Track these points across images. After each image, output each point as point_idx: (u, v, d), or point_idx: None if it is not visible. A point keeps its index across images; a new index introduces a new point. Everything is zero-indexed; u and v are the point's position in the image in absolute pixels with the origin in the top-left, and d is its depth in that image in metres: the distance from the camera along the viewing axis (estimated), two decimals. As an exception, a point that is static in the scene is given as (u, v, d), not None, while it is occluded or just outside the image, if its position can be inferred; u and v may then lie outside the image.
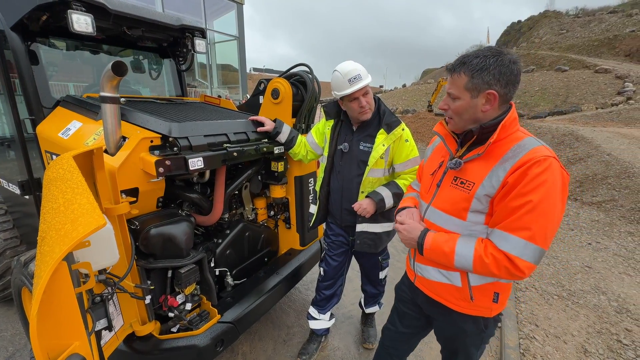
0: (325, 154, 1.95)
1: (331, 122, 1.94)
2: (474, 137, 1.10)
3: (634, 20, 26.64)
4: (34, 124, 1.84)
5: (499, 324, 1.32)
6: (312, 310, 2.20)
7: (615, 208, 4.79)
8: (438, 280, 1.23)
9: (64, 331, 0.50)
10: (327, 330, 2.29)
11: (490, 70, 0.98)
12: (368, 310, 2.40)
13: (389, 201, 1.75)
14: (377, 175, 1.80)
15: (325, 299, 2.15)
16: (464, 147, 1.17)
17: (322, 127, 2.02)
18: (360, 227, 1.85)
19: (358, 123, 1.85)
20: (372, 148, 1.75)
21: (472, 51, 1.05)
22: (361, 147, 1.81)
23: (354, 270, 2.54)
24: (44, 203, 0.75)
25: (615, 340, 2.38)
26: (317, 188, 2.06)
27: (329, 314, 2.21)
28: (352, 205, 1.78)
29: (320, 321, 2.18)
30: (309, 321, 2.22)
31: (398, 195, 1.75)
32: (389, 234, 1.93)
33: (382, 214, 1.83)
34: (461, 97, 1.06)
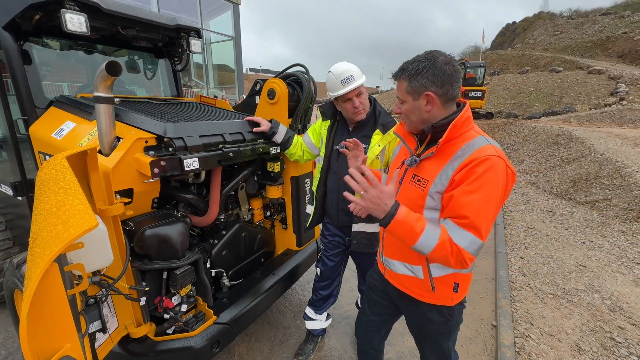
0: (322, 154, 1.95)
1: (327, 123, 1.95)
2: (428, 136, 1.18)
3: (627, 21, 27.02)
4: (27, 125, 1.82)
5: (463, 311, 1.38)
6: (309, 311, 2.20)
7: (608, 207, 4.85)
8: (403, 273, 1.31)
9: (55, 333, 0.49)
10: (324, 330, 2.29)
11: (424, 73, 1.07)
12: None
13: None
14: None
15: (321, 299, 2.15)
16: (422, 145, 1.24)
17: (318, 127, 2.02)
18: (356, 227, 1.85)
19: (354, 124, 1.85)
20: (368, 148, 1.76)
21: (411, 58, 1.13)
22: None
23: (350, 270, 2.54)
24: (35, 204, 0.75)
25: (608, 338, 2.41)
26: (314, 188, 2.06)
27: (325, 314, 2.21)
28: (348, 206, 1.78)
29: (317, 321, 2.18)
30: (306, 321, 2.22)
31: None
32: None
33: None
34: (406, 100, 1.15)
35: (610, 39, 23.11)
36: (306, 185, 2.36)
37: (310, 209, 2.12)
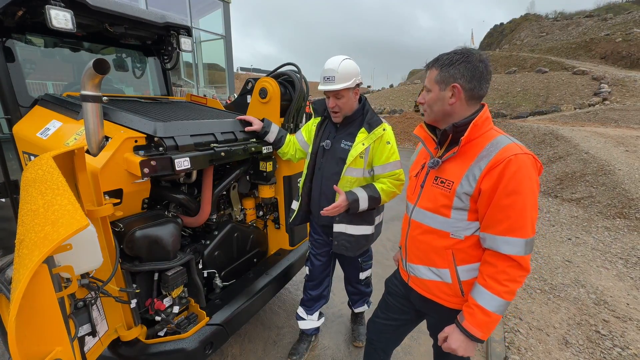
0: (310, 150, 1.93)
1: (318, 119, 1.94)
2: (449, 137, 1.17)
3: (609, 24, 27.83)
4: (10, 124, 1.77)
5: None
6: (300, 311, 2.19)
7: (593, 204, 4.99)
8: (430, 278, 1.26)
9: (45, 336, 0.48)
10: (317, 329, 2.29)
11: (456, 65, 1.08)
12: (356, 310, 2.41)
13: (363, 203, 1.67)
14: (355, 174, 1.74)
15: (312, 299, 2.14)
16: (442, 148, 1.22)
17: (311, 124, 2.01)
18: (337, 228, 1.80)
19: (337, 121, 1.83)
20: (351, 146, 1.72)
21: (447, 52, 1.15)
22: (342, 145, 1.77)
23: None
24: (22, 205, 0.72)
25: (594, 331, 2.48)
26: (300, 185, 2.02)
27: (317, 314, 2.19)
28: (321, 212, 1.68)
29: (309, 321, 2.17)
30: (298, 321, 2.21)
31: (374, 199, 1.69)
32: (367, 238, 1.86)
33: (361, 216, 1.77)
34: (432, 89, 1.16)
35: (593, 41, 23.76)
36: (298, 184, 2.36)
37: (295, 205, 2.06)
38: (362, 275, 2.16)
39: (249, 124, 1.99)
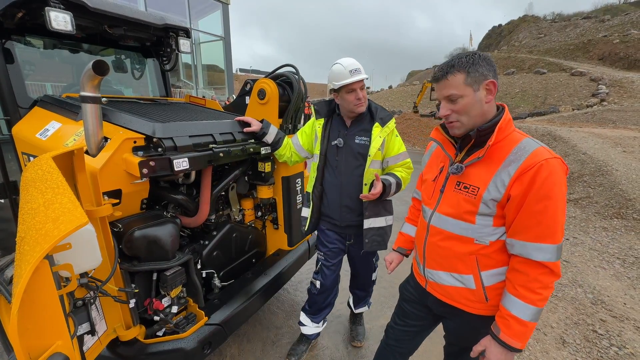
0: (317, 152, 1.93)
1: (321, 121, 1.94)
2: (472, 141, 1.13)
3: (606, 25, 27.97)
4: (9, 125, 1.78)
5: None
6: (305, 319, 2.15)
7: (590, 205, 5.01)
8: (451, 284, 1.23)
9: (46, 330, 0.49)
10: (319, 334, 2.27)
11: (481, 63, 1.04)
12: (357, 311, 2.40)
13: (393, 188, 1.79)
14: (376, 166, 1.84)
15: (320, 309, 2.12)
16: (463, 152, 1.18)
17: (309, 127, 2.01)
18: (367, 224, 1.84)
19: (352, 118, 1.87)
20: (368, 141, 1.81)
21: (451, 57, 1.11)
22: (357, 141, 1.83)
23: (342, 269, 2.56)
24: (22, 204, 0.73)
25: (591, 330, 2.49)
26: (310, 189, 2.01)
27: (322, 321, 2.19)
28: (360, 196, 1.77)
29: (313, 327, 2.15)
30: (301, 327, 2.18)
31: (398, 185, 1.82)
32: (390, 228, 1.95)
33: (384, 206, 1.88)
34: (464, 94, 1.07)
35: (591, 42, 23.88)
36: (297, 185, 2.37)
37: (306, 212, 2.05)
38: (374, 276, 2.21)
39: (248, 124, 2.00)
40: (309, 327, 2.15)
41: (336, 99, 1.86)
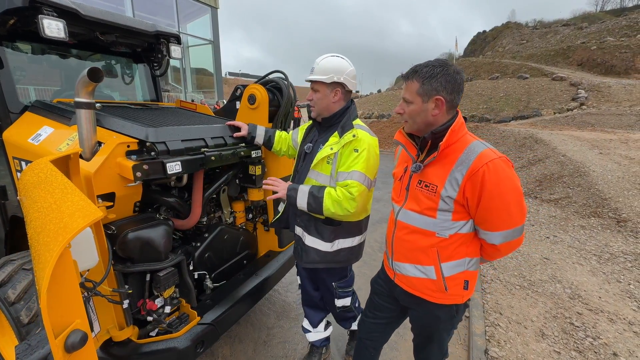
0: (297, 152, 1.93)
1: (309, 123, 1.94)
2: (428, 142, 1.24)
3: (584, 32, 29.12)
4: (0, 130, 1.79)
5: (467, 310, 1.48)
6: (306, 323, 2.14)
7: (569, 204, 5.23)
8: (415, 275, 1.34)
9: (68, 309, 0.54)
10: (327, 340, 2.18)
11: (438, 78, 1.14)
12: (346, 328, 2.23)
13: (302, 196, 1.57)
14: (322, 181, 1.63)
15: (310, 312, 2.09)
16: (423, 153, 1.29)
17: (305, 126, 2.02)
18: (297, 231, 1.81)
19: (319, 123, 1.80)
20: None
21: (422, 62, 1.20)
22: (320, 149, 1.69)
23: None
24: (29, 204, 0.77)
25: (568, 323, 2.62)
26: None
27: (322, 325, 2.12)
28: (263, 181, 1.69)
29: (315, 333, 2.11)
30: (306, 334, 2.15)
31: (314, 197, 1.55)
32: (320, 254, 1.72)
33: (317, 228, 1.69)
34: (414, 101, 1.20)
35: (570, 49, 24.79)
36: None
37: (281, 207, 2.05)
38: (339, 303, 1.95)
39: (238, 129, 2.05)
40: (311, 333, 2.11)
41: None
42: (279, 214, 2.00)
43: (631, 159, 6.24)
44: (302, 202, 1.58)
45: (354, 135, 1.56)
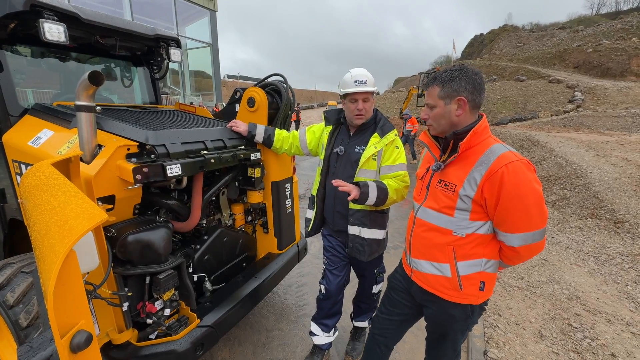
0: (322, 157, 2.01)
1: (329, 128, 2.02)
2: (450, 143, 1.28)
3: (580, 35, 29.40)
4: (0, 133, 1.79)
5: (484, 312, 1.49)
6: (315, 328, 2.15)
7: (567, 206, 5.26)
8: (431, 272, 1.36)
9: (73, 310, 0.55)
10: (331, 344, 2.23)
11: (457, 80, 1.19)
12: (356, 323, 2.35)
13: (372, 192, 1.69)
14: (368, 176, 1.83)
15: (328, 317, 2.12)
16: (446, 153, 1.33)
17: (318, 131, 2.09)
18: (351, 230, 1.87)
19: (355, 127, 1.92)
20: (364, 150, 1.83)
21: (443, 70, 1.27)
22: (356, 150, 1.87)
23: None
24: (31, 207, 0.78)
25: (566, 324, 2.63)
26: (314, 192, 2.07)
27: (333, 329, 2.18)
28: (332, 181, 1.72)
29: (324, 337, 2.15)
30: (312, 337, 2.18)
31: (382, 190, 1.71)
32: (379, 243, 1.91)
33: (374, 219, 1.85)
34: (437, 105, 1.26)
35: (567, 51, 25.02)
36: (286, 190, 2.44)
37: (310, 214, 2.11)
38: (375, 289, 2.16)
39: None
40: (320, 337, 2.14)
41: (343, 104, 1.95)
42: (312, 221, 2.08)
43: (628, 161, 6.29)
44: (373, 196, 1.70)
45: (395, 135, 1.86)
